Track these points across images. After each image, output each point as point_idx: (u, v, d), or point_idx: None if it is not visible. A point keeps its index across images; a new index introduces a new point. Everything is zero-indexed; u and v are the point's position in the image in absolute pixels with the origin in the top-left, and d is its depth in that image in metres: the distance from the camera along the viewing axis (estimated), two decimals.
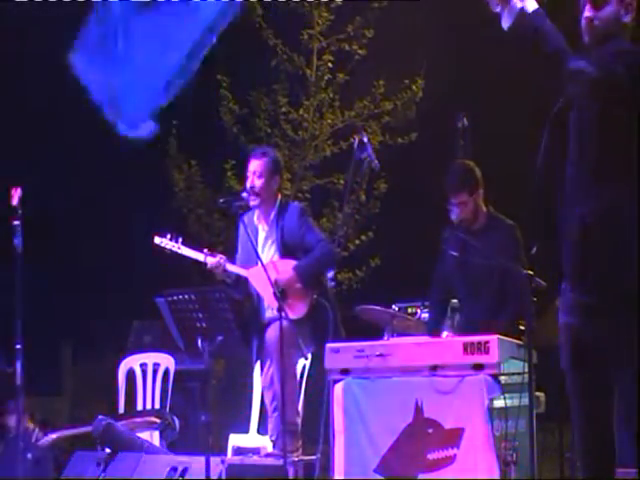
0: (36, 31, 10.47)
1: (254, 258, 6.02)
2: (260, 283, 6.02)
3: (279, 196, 6.28)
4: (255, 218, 6.27)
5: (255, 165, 6.18)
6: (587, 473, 3.69)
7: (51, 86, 10.78)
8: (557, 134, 3.72)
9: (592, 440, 3.68)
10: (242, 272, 6.14)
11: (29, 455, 7.47)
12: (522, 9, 3.64)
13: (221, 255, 6.17)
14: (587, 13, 3.66)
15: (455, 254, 5.88)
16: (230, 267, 6.13)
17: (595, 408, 3.67)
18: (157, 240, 6.22)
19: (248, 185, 6.18)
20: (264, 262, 5.95)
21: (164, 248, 6.21)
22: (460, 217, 5.83)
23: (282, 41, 10.98)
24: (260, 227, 6.26)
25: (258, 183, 6.15)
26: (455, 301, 6.17)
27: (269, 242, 6.22)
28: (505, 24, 3.70)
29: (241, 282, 6.17)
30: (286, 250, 6.13)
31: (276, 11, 10.87)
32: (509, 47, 3.85)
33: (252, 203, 6.17)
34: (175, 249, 6.19)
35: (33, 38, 10.59)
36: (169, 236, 6.20)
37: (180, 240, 6.20)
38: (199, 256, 6.15)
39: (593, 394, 3.67)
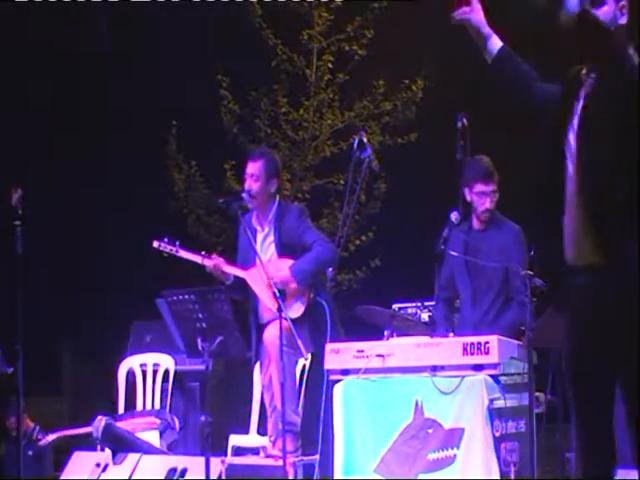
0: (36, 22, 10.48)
1: (253, 258, 6.03)
2: (258, 283, 6.02)
3: (277, 198, 6.27)
4: (254, 219, 6.27)
5: (252, 168, 6.18)
6: (586, 473, 3.69)
7: (52, 85, 10.79)
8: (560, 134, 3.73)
9: (592, 440, 3.67)
10: (240, 273, 6.14)
11: (30, 452, 7.48)
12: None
13: (218, 257, 6.17)
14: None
15: (456, 254, 5.87)
16: (227, 268, 6.13)
17: (595, 408, 3.67)
18: (155, 244, 6.23)
19: (245, 187, 6.18)
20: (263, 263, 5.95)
21: (162, 252, 6.22)
22: (484, 209, 5.80)
23: (282, 41, 10.97)
24: (258, 228, 6.26)
25: (254, 186, 6.14)
26: (458, 301, 6.16)
27: (267, 243, 6.22)
28: (487, 58, 3.79)
29: (240, 283, 6.17)
30: (285, 250, 6.13)
31: (276, 11, 10.86)
32: (509, 46, 3.87)
33: (249, 205, 6.17)
34: (173, 252, 6.21)
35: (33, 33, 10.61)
36: (167, 240, 6.20)
37: (178, 243, 6.20)
38: (197, 259, 6.16)
39: (594, 394, 3.66)
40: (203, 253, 6.16)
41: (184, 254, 6.21)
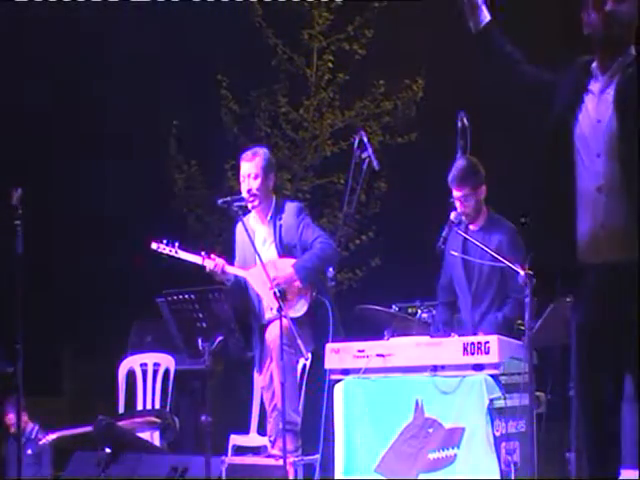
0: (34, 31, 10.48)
1: (252, 259, 6.02)
2: (259, 283, 6.02)
3: (274, 196, 6.27)
4: (252, 219, 6.26)
5: (248, 167, 6.17)
6: (592, 475, 3.67)
7: (51, 85, 10.79)
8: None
9: (599, 440, 3.66)
10: (241, 273, 6.13)
11: (29, 451, 7.49)
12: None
13: (219, 257, 6.16)
14: (608, 7, 3.59)
15: (455, 254, 5.87)
16: (229, 269, 6.13)
17: (604, 407, 3.65)
18: (154, 246, 6.20)
19: (244, 189, 6.16)
20: (263, 262, 5.94)
21: (161, 253, 6.19)
22: (462, 212, 5.81)
23: (282, 41, 10.96)
24: (257, 228, 6.25)
25: (255, 184, 6.14)
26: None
27: (267, 242, 6.22)
28: (473, 29, 3.80)
29: (239, 284, 6.16)
30: (285, 249, 6.12)
31: (276, 11, 10.86)
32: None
33: (251, 205, 6.16)
34: (172, 254, 6.18)
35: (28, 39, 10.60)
36: (165, 241, 6.18)
37: (177, 244, 6.17)
38: (197, 259, 6.14)
39: (603, 392, 3.65)
40: (203, 253, 6.15)
41: (184, 255, 6.19)
